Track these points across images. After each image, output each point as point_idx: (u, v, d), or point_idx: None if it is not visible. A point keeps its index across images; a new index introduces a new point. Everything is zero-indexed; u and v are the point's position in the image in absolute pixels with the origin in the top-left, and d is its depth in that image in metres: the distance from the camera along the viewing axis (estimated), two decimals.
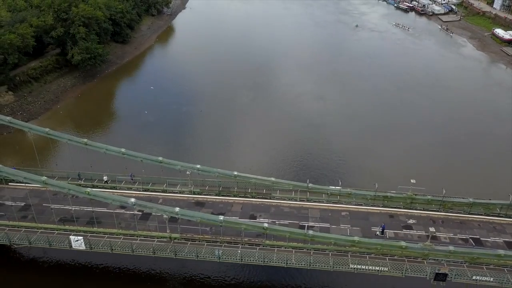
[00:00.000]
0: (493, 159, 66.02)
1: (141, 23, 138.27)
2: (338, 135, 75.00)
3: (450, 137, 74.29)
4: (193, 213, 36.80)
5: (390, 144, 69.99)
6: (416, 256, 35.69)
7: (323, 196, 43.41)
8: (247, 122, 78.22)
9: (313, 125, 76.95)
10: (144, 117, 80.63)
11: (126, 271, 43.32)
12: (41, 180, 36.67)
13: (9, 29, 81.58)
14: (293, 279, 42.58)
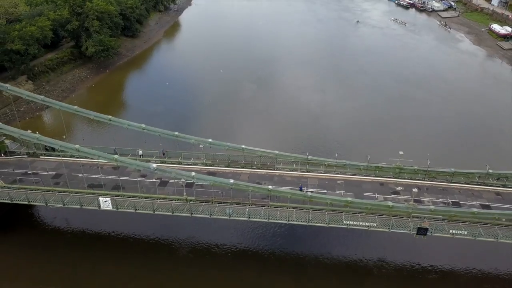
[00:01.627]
0: (473, 135, 74.61)
1: (149, 18, 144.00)
2: (337, 119, 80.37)
3: (437, 118, 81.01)
4: (206, 177, 42.21)
5: (384, 125, 75.68)
6: (401, 214, 40.86)
7: (321, 167, 48.67)
8: (251, 110, 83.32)
9: (313, 112, 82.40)
10: (155, 104, 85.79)
11: (140, 240, 48.99)
12: (74, 148, 42.12)
13: (29, 22, 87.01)
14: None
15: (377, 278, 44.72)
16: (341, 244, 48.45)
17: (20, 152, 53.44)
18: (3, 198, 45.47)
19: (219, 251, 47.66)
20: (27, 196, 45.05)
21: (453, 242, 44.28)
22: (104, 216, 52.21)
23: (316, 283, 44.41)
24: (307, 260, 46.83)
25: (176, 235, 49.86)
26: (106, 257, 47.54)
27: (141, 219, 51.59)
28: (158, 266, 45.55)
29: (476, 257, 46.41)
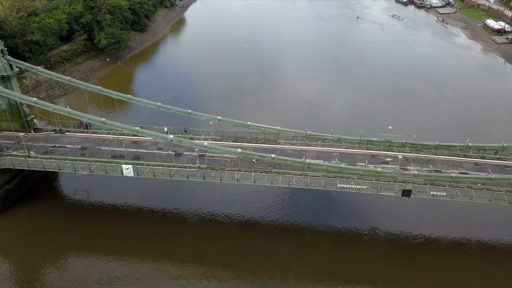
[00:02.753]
0: (458, 114, 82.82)
1: (156, 13, 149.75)
2: (334, 105, 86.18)
3: (428, 103, 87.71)
4: (217, 146, 47.86)
5: (378, 109, 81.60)
6: (388, 179, 46.37)
7: (318, 141, 54.26)
8: (255, 98, 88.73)
9: (312, 100, 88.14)
10: (163, 94, 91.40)
11: (154, 211, 54.74)
12: (101, 121, 47.88)
13: (47, 15, 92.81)
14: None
15: (368, 243, 50.14)
16: (337, 215, 54.01)
17: (47, 129, 59.23)
18: (37, 166, 51.24)
19: (224, 221, 53.03)
20: (58, 164, 50.82)
21: (439, 215, 50.50)
22: (121, 189, 58.41)
23: (313, 247, 49.77)
24: (305, 228, 52.24)
25: (186, 207, 55.45)
26: (122, 225, 52.87)
27: (154, 193, 57.79)
28: (169, 234, 51.06)
29: (458, 226, 52.32)
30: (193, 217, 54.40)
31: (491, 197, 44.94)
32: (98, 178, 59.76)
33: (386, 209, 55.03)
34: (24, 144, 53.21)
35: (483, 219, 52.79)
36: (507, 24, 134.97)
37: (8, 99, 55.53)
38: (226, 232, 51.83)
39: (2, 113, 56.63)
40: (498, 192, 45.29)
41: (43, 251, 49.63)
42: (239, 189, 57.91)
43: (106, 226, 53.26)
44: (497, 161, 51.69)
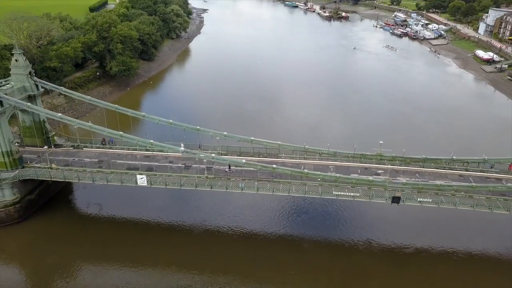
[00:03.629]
0: (446, 133, 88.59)
1: (163, 44, 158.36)
2: (331, 127, 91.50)
3: (419, 125, 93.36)
4: (224, 157, 52.76)
5: (371, 129, 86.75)
6: (379, 187, 50.87)
7: (316, 155, 59.10)
8: (256, 121, 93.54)
9: (310, 122, 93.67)
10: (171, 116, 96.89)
11: (161, 224, 58.78)
12: (119, 134, 53.05)
13: (64, 43, 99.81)
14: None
15: (362, 252, 53.68)
16: (334, 226, 57.91)
17: (66, 145, 64.36)
18: (58, 177, 55.98)
19: (227, 232, 56.78)
20: (77, 175, 55.58)
21: (430, 231, 55.02)
22: (131, 203, 62.66)
23: (310, 255, 53.23)
24: (303, 238, 55.87)
25: (191, 219, 59.32)
26: (131, 235, 56.26)
27: (162, 207, 62.32)
28: (176, 243, 54.66)
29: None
30: (198, 228, 58.23)
31: (473, 204, 49.29)
32: (109, 193, 64.72)
33: (380, 221, 59.14)
34: (47, 158, 58.10)
35: (470, 230, 56.94)
36: (495, 54, 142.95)
37: (32, 117, 60.95)
38: (229, 242, 55.53)
39: (27, 129, 61.92)
40: (479, 199, 49.72)
41: (57, 259, 52.99)
42: (242, 203, 62.31)
43: (116, 236, 57.10)
44: (479, 173, 56.33)
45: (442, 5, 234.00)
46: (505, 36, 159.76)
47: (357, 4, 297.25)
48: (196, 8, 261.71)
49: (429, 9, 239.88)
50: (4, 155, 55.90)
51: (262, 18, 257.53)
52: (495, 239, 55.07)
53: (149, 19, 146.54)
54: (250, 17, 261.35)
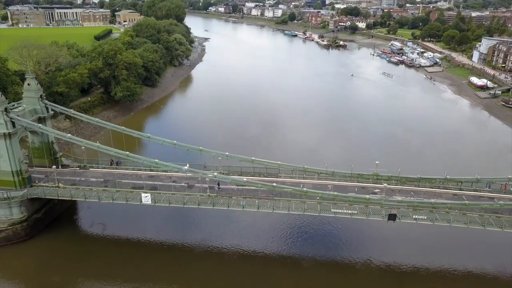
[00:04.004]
0: (441, 155, 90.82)
1: (166, 71, 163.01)
2: (329, 148, 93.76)
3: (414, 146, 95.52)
4: (226, 176, 54.78)
5: (368, 151, 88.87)
6: (376, 205, 52.67)
7: (315, 175, 61.13)
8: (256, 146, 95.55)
9: (309, 146, 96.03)
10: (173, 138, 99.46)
11: (163, 242, 60.06)
12: (125, 154, 55.28)
13: (71, 70, 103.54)
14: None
15: (360, 270, 54.72)
16: (332, 245, 59.03)
17: (73, 165, 66.50)
18: (65, 195, 57.86)
19: (228, 251, 57.96)
20: (84, 193, 57.46)
21: (427, 249, 56.61)
22: (133, 224, 64.12)
23: (309, 273, 54.24)
24: (302, 257, 56.90)
25: (192, 239, 60.51)
26: (134, 254, 57.27)
27: (164, 227, 63.75)
28: (177, 262, 55.64)
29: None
30: (199, 247, 59.33)
31: (467, 221, 50.97)
32: (113, 213, 66.46)
33: (378, 240, 60.52)
34: (55, 177, 60.14)
35: (466, 247, 58.33)
36: (489, 81, 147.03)
37: (42, 138, 63.36)
38: (230, 260, 56.60)
39: (36, 150, 64.19)
40: (473, 216, 51.44)
41: (62, 277, 53.95)
42: (243, 222, 63.83)
43: (119, 255, 58.16)
44: (473, 192, 58.21)
45: (437, 34, 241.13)
46: (498, 64, 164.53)
47: (355, 33, 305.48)
48: (198, 37, 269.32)
49: (424, 38, 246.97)
50: (14, 174, 57.94)
51: (262, 47, 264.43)
52: (490, 256, 56.37)
53: (152, 47, 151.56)
54: (251, 45, 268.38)
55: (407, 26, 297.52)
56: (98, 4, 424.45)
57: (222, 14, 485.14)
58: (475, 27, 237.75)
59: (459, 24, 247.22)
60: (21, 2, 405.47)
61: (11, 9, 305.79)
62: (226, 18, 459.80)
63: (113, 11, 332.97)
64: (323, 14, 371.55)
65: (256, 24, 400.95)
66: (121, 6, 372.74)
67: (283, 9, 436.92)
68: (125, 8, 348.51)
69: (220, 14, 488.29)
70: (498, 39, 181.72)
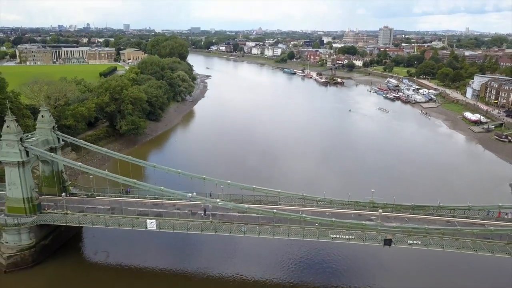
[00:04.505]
0: (433, 182, 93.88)
1: (169, 106, 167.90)
2: (327, 179, 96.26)
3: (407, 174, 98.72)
4: (228, 203, 57.31)
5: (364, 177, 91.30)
6: (372, 231, 54.85)
7: (313, 203, 63.61)
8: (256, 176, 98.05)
9: (308, 176, 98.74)
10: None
11: (165, 271, 61.61)
12: (132, 181, 58.00)
13: (79, 104, 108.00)
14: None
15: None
16: (331, 273, 60.71)
17: (81, 194, 69.09)
18: (73, 222, 60.15)
19: (229, 279, 59.42)
20: (91, 220, 59.78)
21: (423, 274, 58.40)
22: (135, 251, 65.92)
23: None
24: (302, 284, 58.43)
25: (194, 267, 62.26)
26: (135, 282, 58.97)
27: (165, 255, 65.57)
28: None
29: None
30: (201, 275, 60.63)
31: (459, 246, 53.01)
32: (116, 241, 68.46)
33: (375, 266, 62.24)
34: (64, 204, 62.62)
35: (460, 272, 60.02)
36: (482, 116, 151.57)
37: (52, 167, 66.36)
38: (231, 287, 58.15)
39: (46, 179, 67.06)
40: (465, 241, 53.51)
41: None
42: (243, 249, 65.57)
43: (122, 282, 59.75)
44: (465, 219, 60.47)
45: (432, 72, 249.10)
46: (490, 100, 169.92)
47: (352, 71, 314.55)
48: (200, 74, 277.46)
49: (419, 75, 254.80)
50: (25, 201, 60.49)
51: (262, 84, 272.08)
52: (484, 281, 57.98)
53: (157, 83, 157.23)
54: (251, 83, 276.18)
55: (403, 64, 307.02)
56: (103, 43, 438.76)
57: (223, 53, 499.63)
58: (468, 65, 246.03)
59: (453, 62, 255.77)
60: (29, 41, 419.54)
61: (19, 48, 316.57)
62: (227, 56, 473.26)
63: (118, 49, 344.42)
64: (321, 53, 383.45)
65: (256, 63, 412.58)
66: (125, 44, 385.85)
67: (283, 48, 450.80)
68: (130, 46, 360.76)
69: (221, 53, 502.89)
70: (490, 77, 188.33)
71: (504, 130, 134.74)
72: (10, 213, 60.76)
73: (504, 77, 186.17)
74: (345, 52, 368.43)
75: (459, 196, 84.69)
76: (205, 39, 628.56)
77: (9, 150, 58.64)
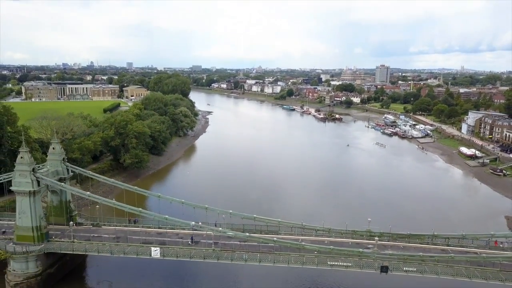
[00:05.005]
0: (427, 214, 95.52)
1: (172, 141, 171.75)
2: (326, 208, 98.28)
3: (401, 206, 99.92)
4: (229, 231, 59.49)
5: (361, 209, 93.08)
6: (369, 258, 56.77)
7: (312, 232, 65.71)
8: (256, 209, 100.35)
9: (308, 205, 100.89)
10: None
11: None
12: (138, 210, 60.46)
13: (85, 138, 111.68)
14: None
15: None
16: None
17: (87, 223, 71.29)
18: (80, 250, 62.08)
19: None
20: (97, 248, 61.73)
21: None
22: (138, 281, 67.21)
23: None
24: None
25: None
26: None
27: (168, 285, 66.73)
28: None
29: None
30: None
31: (454, 273, 54.83)
32: (119, 271, 70.21)
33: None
34: (71, 233, 64.74)
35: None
36: (477, 150, 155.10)
37: (60, 197, 68.98)
38: None
39: (54, 208, 69.52)
40: (459, 268, 55.35)
41: None
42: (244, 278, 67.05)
43: None
44: (459, 247, 62.47)
45: (427, 108, 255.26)
46: (485, 135, 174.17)
47: (350, 108, 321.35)
48: (201, 110, 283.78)
49: (416, 111, 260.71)
50: (34, 229, 62.69)
51: (262, 120, 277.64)
52: None
53: (160, 119, 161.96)
54: (251, 118, 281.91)
55: (400, 101, 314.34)
56: (107, 80, 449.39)
57: (224, 90, 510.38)
58: (463, 102, 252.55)
59: (448, 99, 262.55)
60: (35, 78, 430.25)
61: (26, 85, 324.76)
62: (228, 93, 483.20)
63: (121, 86, 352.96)
64: (319, 90, 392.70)
65: (256, 99, 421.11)
66: (128, 82, 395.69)
67: (282, 85, 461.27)
68: (133, 84, 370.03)
69: (222, 90, 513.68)
70: (484, 113, 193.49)
71: (499, 164, 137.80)
72: (18, 241, 62.81)
73: (497, 113, 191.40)
74: (343, 89, 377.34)
75: (455, 227, 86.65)
76: (207, 77, 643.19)
77: (21, 180, 61.56)
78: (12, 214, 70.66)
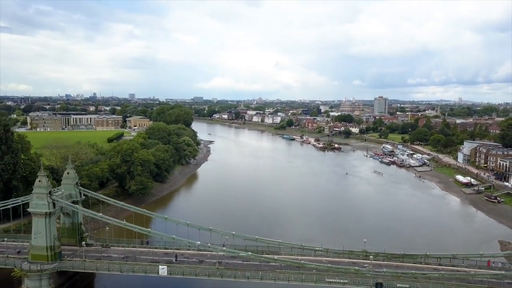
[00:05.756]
0: (423, 238, 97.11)
1: (175, 169, 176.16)
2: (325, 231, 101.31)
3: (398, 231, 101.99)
4: (232, 250, 63.18)
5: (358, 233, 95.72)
6: (364, 275, 60.18)
7: (311, 252, 69.29)
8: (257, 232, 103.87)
9: (307, 229, 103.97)
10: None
11: None
12: (147, 231, 64.32)
13: (93, 165, 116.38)
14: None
15: None
16: None
17: (97, 244, 74.91)
18: (91, 268, 65.54)
19: None
20: (108, 266, 65.21)
21: None
22: None
23: None
24: None
25: None
26: None
27: None
28: None
29: None
30: None
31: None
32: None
33: None
34: (83, 254, 68.37)
35: None
36: (473, 179, 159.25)
37: (72, 219, 72.98)
38: None
39: (66, 230, 73.38)
40: (449, 285, 58.69)
41: None
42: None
43: None
44: (451, 267, 65.88)
45: (424, 138, 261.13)
46: (480, 164, 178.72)
47: (349, 137, 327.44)
48: (203, 140, 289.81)
49: (413, 141, 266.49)
50: (48, 249, 66.37)
51: (262, 149, 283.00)
52: None
53: (163, 147, 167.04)
54: (252, 148, 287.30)
55: (398, 131, 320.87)
56: (110, 110, 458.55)
57: (225, 121, 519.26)
58: (459, 132, 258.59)
59: (445, 129, 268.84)
60: (39, 109, 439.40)
61: (31, 115, 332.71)
62: (229, 124, 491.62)
63: (124, 117, 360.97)
64: (318, 121, 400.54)
65: (257, 129, 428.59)
66: (131, 112, 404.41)
67: (282, 116, 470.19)
68: (136, 114, 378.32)
69: (223, 120, 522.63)
70: (479, 142, 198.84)
71: (494, 191, 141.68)
72: (33, 260, 66.34)
73: (491, 143, 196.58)
74: (342, 120, 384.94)
75: (450, 249, 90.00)
76: (208, 107, 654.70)
77: (38, 202, 65.88)
78: (26, 236, 74.54)
